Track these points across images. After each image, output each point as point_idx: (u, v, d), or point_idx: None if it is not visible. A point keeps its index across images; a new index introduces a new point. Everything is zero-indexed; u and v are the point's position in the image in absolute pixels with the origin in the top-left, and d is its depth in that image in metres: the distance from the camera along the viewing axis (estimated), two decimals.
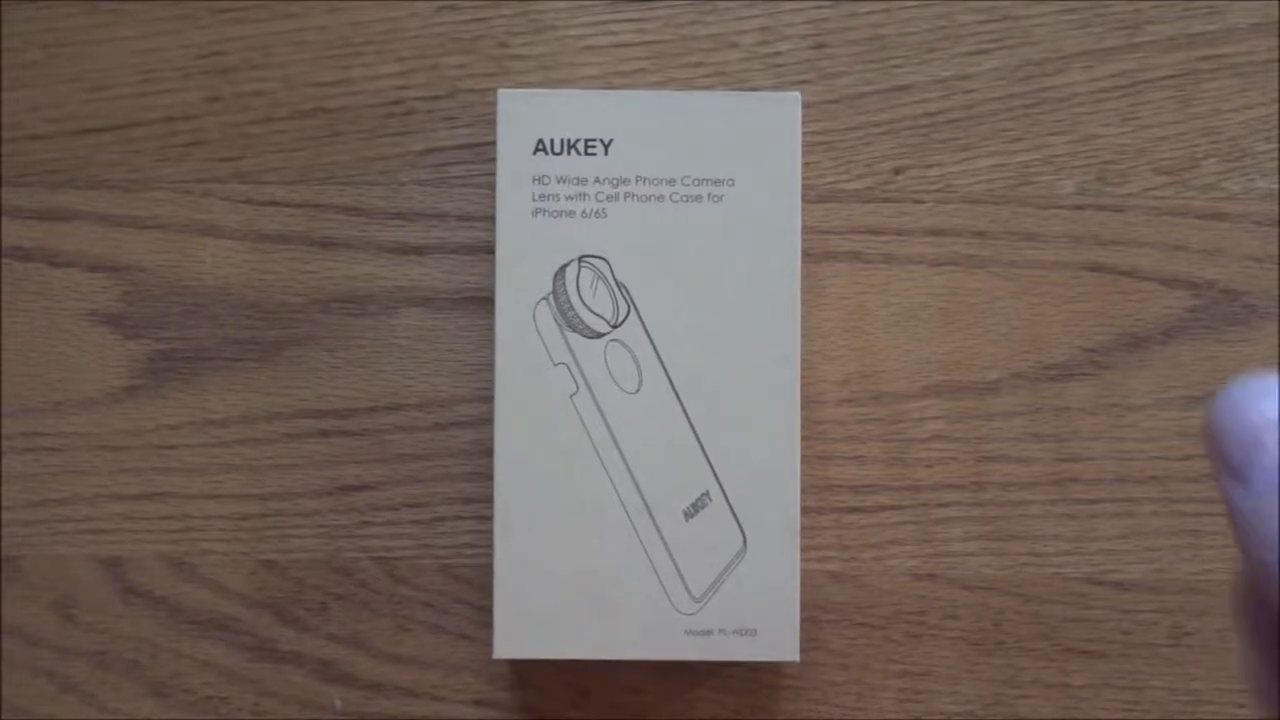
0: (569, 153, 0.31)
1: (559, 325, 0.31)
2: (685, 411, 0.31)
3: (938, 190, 0.34)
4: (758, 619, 0.31)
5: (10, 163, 0.34)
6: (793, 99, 0.31)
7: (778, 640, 0.31)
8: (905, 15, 0.34)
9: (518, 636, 0.31)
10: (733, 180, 0.31)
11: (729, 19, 0.34)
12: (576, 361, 0.31)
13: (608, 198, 0.31)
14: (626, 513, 0.31)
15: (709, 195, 0.31)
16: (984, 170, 0.34)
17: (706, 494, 0.31)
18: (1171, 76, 0.34)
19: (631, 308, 0.31)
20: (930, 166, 0.34)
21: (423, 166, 0.34)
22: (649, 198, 0.31)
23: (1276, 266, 0.34)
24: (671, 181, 0.31)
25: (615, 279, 0.31)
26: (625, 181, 0.31)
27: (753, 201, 0.31)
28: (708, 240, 0.31)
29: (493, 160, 0.31)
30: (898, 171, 0.34)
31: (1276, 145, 0.34)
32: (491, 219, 0.33)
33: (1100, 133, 0.34)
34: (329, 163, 0.34)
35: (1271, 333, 0.34)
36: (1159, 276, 0.34)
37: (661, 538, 0.31)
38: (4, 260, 0.34)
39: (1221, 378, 0.34)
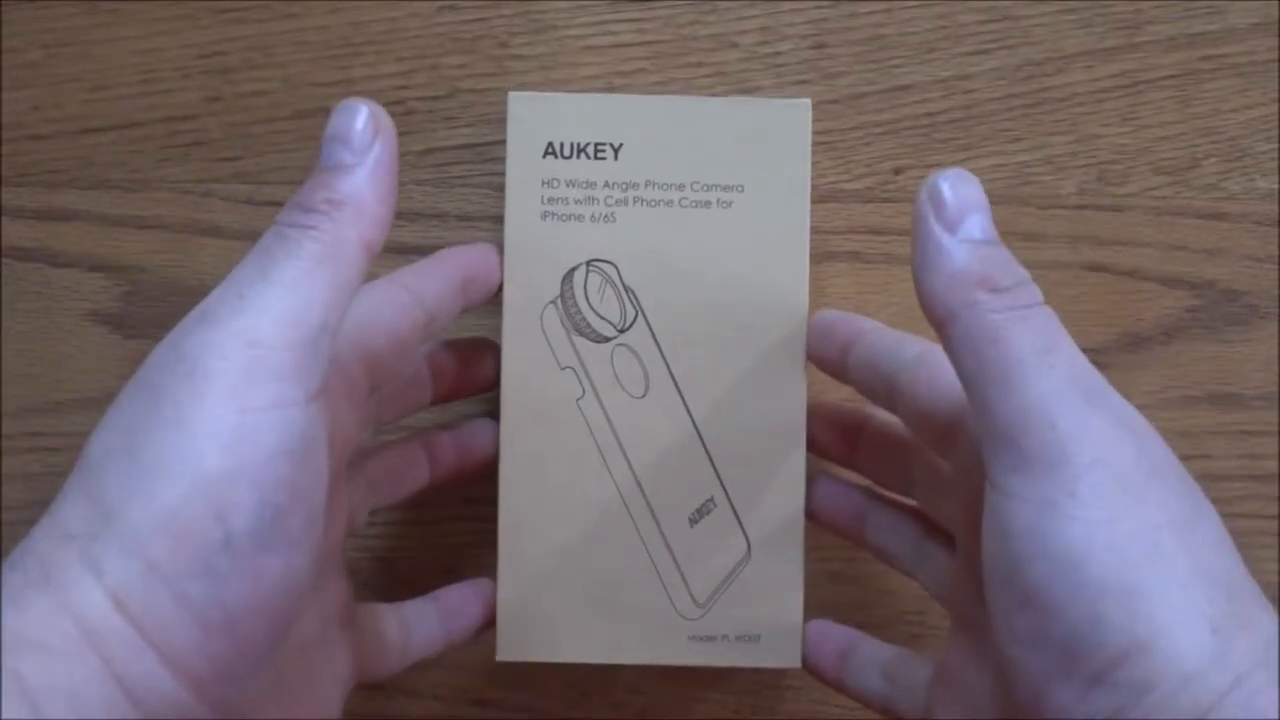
0: (579, 156, 0.30)
1: (566, 329, 0.30)
2: (691, 417, 0.30)
3: None
4: (761, 625, 0.30)
5: (10, 163, 0.34)
6: (803, 105, 0.30)
7: (781, 647, 0.30)
8: (905, 15, 0.34)
9: (520, 640, 0.30)
10: (742, 186, 0.30)
11: (729, 19, 0.34)
12: (583, 365, 0.30)
13: (617, 202, 0.30)
14: (631, 517, 0.30)
15: (718, 201, 0.30)
16: (984, 170, 0.34)
17: (711, 499, 0.31)
18: (1171, 76, 0.34)
19: (639, 312, 0.30)
20: (930, 166, 0.34)
21: (423, 166, 0.34)
22: (658, 202, 0.30)
23: (1276, 266, 0.34)
24: (681, 187, 0.30)
25: (623, 283, 0.30)
26: (635, 186, 0.30)
27: (762, 208, 0.30)
28: (716, 246, 0.30)
29: (493, 160, 0.31)
30: (898, 171, 0.34)
31: (1276, 145, 0.34)
32: (492, 219, 0.33)
33: (1100, 133, 0.34)
34: None
35: (1271, 333, 0.34)
36: (1159, 276, 0.34)
37: (666, 543, 0.30)
38: (4, 260, 0.34)
39: (1222, 378, 0.34)
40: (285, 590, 0.21)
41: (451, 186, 0.34)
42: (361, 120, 0.24)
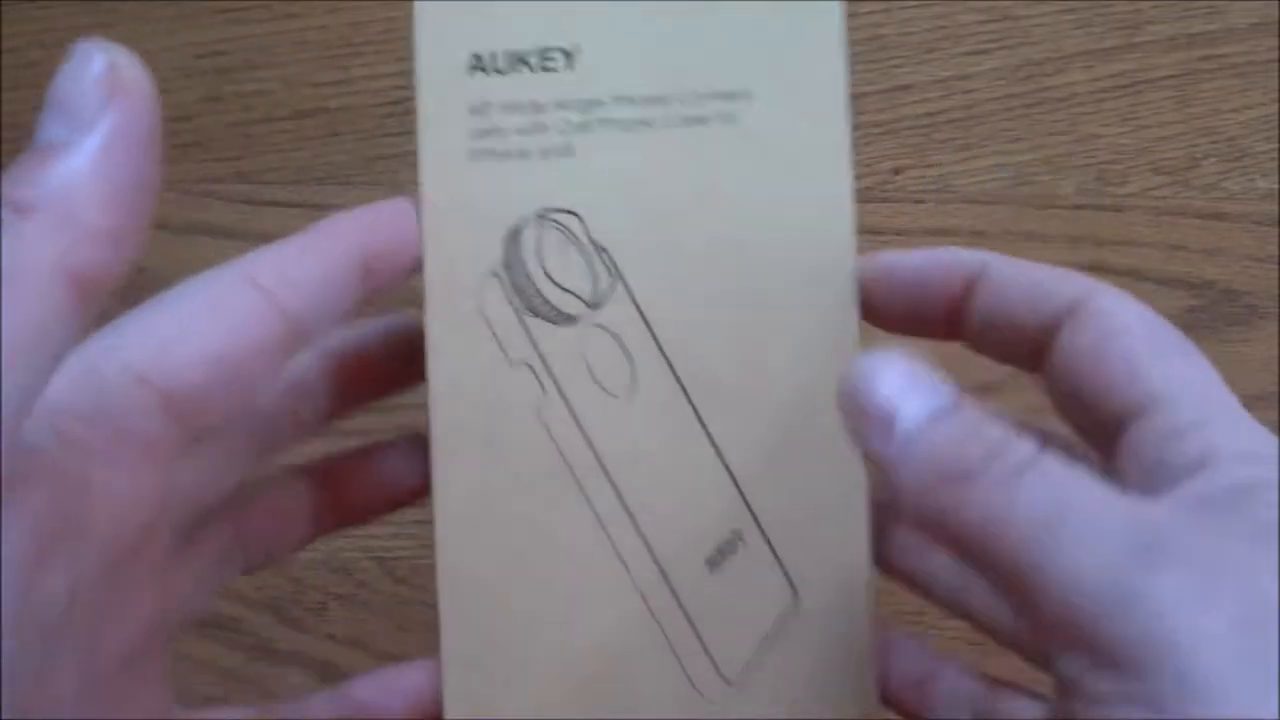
0: (518, 69, 0.22)
1: (515, 309, 0.22)
2: (700, 420, 0.22)
3: (937, 190, 0.34)
4: (816, 705, 0.22)
5: (10, 163, 0.34)
6: None
7: None
8: (905, 15, 0.34)
9: None
10: (750, 92, 0.22)
11: None
12: (543, 358, 0.22)
13: (575, 128, 0.22)
14: (624, 565, 0.22)
15: (718, 115, 0.22)
16: (984, 170, 0.34)
17: (738, 534, 0.22)
18: (1171, 76, 0.34)
19: (617, 279, 0.22)
20: (930, 166, 0.34)
21: None
22: (633, 124, 0.22)
23: (1276, 266, 0.34)
24: (663, 100, 0.22)
25: (592, 240, 0.22)
26: (598, 104, 0.22)
27: (780, 121, 0.22)
28: (718, 179, 0.22)
29: None
30: (897, 171, 0.34)
31: (1276, 145, 0.34)
32: None
33: (1100, 133, 0.34)
34: (329, 163, 0.34)
35: (1271, 333, 0.34)
36: (1159, 277, 0.34)
37: (676, 597, 0.22)
38: None
39: (1222, 378, 0.34)
40: None
41: None
42: (92, 73, 0.16)
